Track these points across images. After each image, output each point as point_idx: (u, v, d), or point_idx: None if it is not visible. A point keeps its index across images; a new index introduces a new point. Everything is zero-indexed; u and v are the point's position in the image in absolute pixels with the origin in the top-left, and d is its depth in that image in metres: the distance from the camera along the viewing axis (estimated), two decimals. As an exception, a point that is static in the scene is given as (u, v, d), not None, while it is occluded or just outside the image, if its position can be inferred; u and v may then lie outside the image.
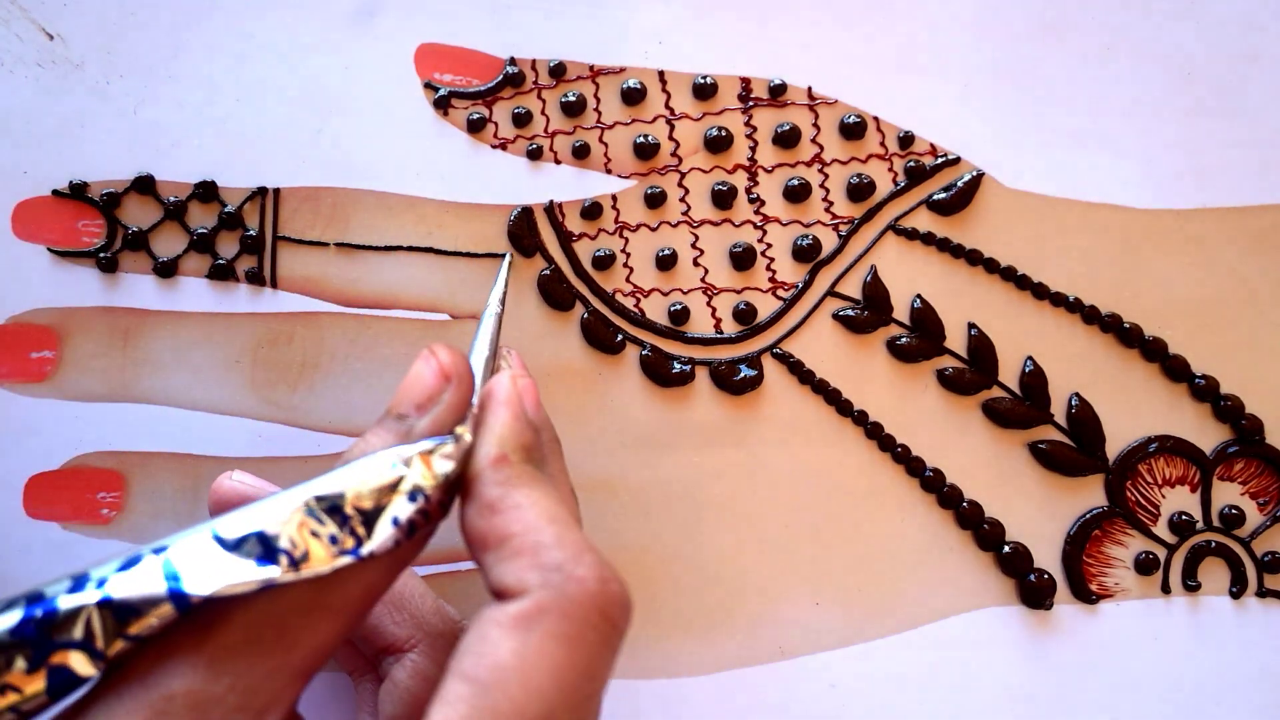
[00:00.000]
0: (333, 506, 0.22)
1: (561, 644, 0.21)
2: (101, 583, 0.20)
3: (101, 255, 0.33)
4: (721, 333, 0.35)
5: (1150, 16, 0.36)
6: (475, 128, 0.34)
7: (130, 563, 0.21)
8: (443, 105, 0.34)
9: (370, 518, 0.22)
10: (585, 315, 0.34)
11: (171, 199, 0.33)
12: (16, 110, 0.33)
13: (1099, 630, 0.34)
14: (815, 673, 0.33)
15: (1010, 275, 0.35)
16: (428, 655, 0.28)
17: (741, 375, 0.34)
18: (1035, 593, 0.34)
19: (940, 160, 0.35)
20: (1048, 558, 0.34)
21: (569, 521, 0.23)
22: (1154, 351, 0.35)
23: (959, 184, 0.35)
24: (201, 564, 0.21)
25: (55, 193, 0.33)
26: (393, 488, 0.22)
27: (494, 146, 0.34)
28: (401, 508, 0.22)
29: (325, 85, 0.34)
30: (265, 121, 0.34)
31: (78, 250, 0.33)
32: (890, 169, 0.35)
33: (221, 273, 0.33)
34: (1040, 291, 0.35)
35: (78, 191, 0.33)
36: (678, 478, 0.34)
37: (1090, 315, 0.35)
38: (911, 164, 0.35)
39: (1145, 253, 0.35)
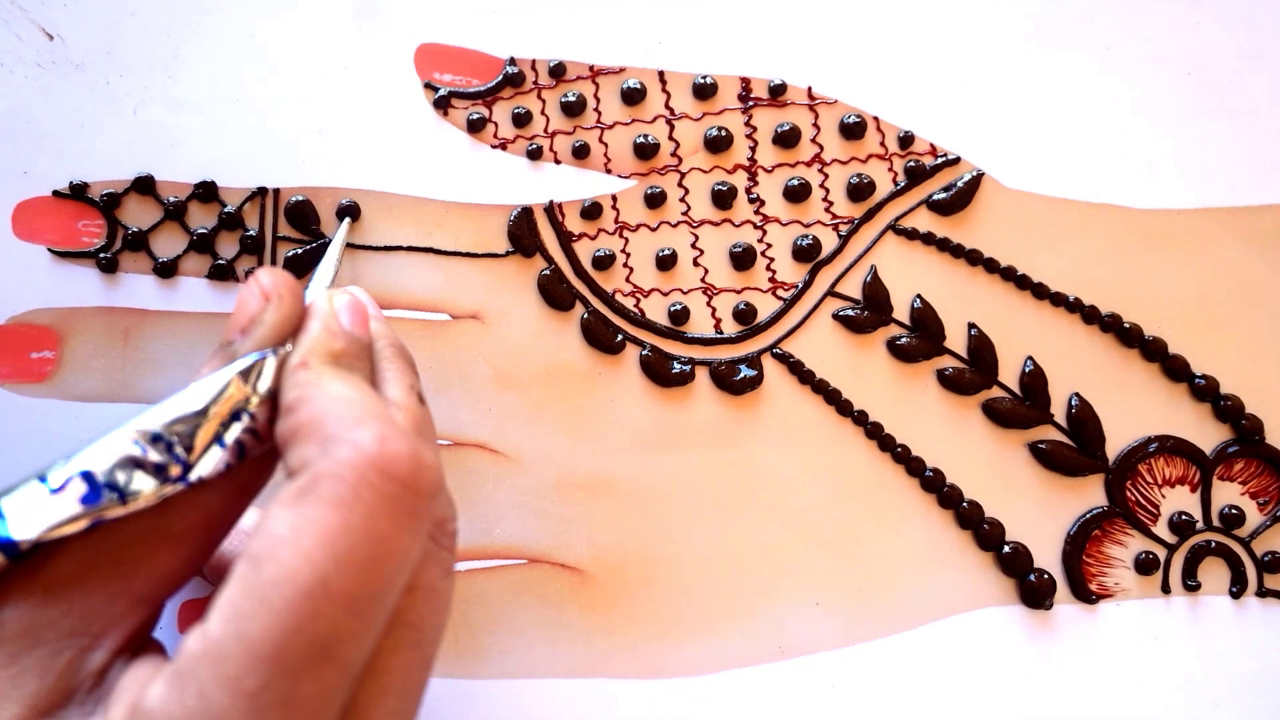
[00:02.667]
0: (155, 436, 0.22)
1: (334, 508, 0.20)
2: None
3: (101, 255, 0.33)
4: (721, 333, 0.35)
5: (1150, 16, 0.36)
6: (475, 128, 0.34)
7: None
8: (443, 105, 0.34)
9: (196, 443, 0.22)
10: (585, 315, 0.34)
11: (171, 199, 0.33)
12: (16, 110, 0.33)
13: (1099, 630, 0.34)
14: (815, 673, 0.33)
15: (1010, 275, 0.35)
16: None
17: (741, 375, 0.34)
18: (1035, 593, 0.34)
19: (940, 160, 0.35)
20: (1048, 558, 0.34)
21: (363, 401, 0.22)
22: (1154, 351, 0.35)
23: (959, 184, 0.35)
24: (28, 509, 0.21)
25: (55, 193, 0.33)
26: (216, 410, 0.22)
27: (494, 146, 0.34)
28: (228, 429, 0.22)
29: (325, 85, 0.34)
30: (265, 121, 0.34)
31: (78, 250, 0.33)
32: (890, 169, 0.35)
33: (221, 273, 0.33)
34: (1040, 291, 0.35)
35: (78, 192, 0.33)
36: (678, 478, 0.34)
37: (1090, 315, 0.35)
38: (911, 164, 0.35)
39: (1145, 253, 0.35)
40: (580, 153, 0.35)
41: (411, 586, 0.22)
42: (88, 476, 0.21)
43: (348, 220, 0.33)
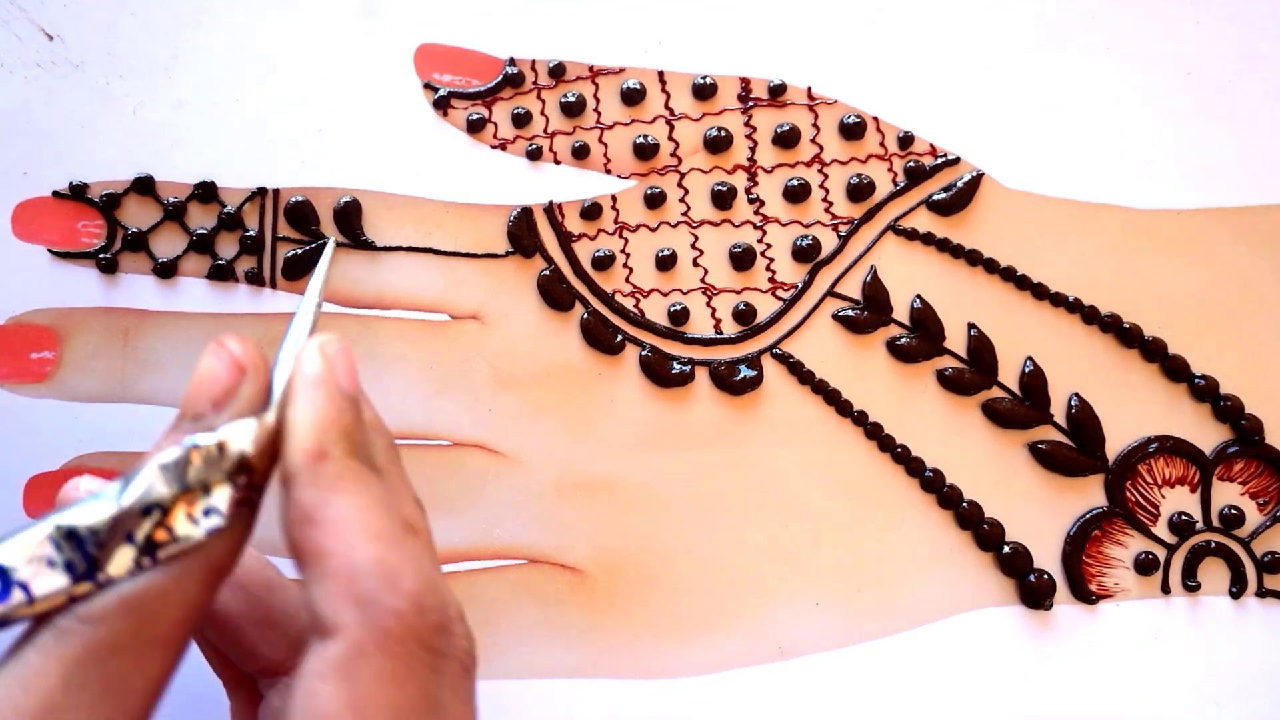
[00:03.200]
0: (70, 532, 0.20)
1: (389, 684, 0.20)
2: None
3: (101, 256, 0.33)
4: (721, 333, 0.35)
5: (1150, 16, 0.36)
6: (475, 128, 0.34)
7: None
8: (443, 105, 0.34)
9: (105, 540, 0.20)
10: (585, 316, 0.34)
11: (171, 199, 0.33)
12: (16, 110, 0.33)
13: (1099, 630, 0.34)
14: (815, 673, 0.34)
15: (1010, 275, 0.35)
16: None
17: (741, 375, 0.34)
18: (1035, 593, 0.34)
19: (940, 160, 0.35)
20: (1048, 558, 0.34)
21: (391, 535, 0.21)
22: (1154, 351, 0.35)
23: (959, 184, 0.35)
24: None
25: (55, 193, 0.33)
26: (132, 506, 0.21)
27: (494, 147, 0.34)
28: (139, 525, 0.21)
29: (325, 85, 0.34)
30: (265, 121, 0.34)
31: (78, 251, 0.33)
32: (890, 169, 0.35)
33: (221, 273, 0.33)
34: (1040, 291, 0.35)
35: (78, 192, 0.33)
36: (678, 478, 0.34)
37: (1090, 315, 0.35)
38: (911, 164, 0.35)
39: (1145, 253, 0.35)
40: (580, 153, 0.35)
41: None
42: (1, 570, 0.20)
43: (331, 242, 0.30)
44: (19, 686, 0.19)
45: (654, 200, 0.35)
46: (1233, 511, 0.35)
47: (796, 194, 0.35)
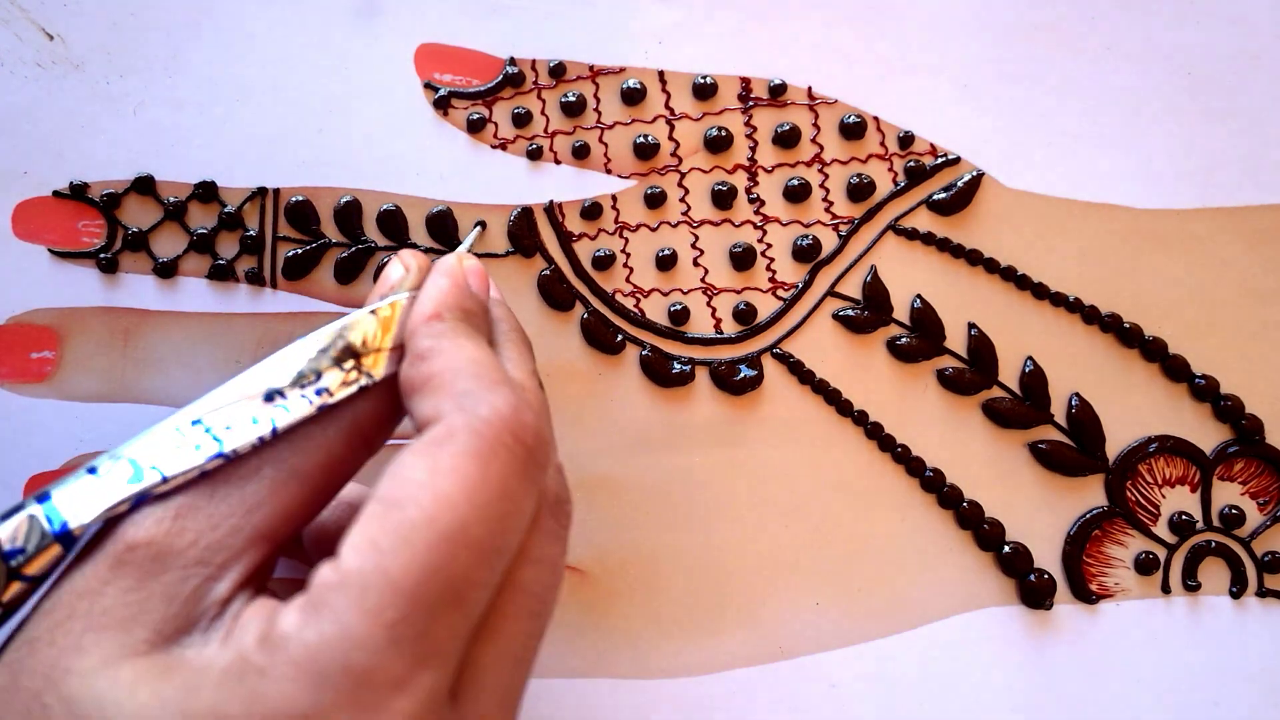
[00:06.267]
0: (194, 421, 0.23)
1: (473, 460, 0.21)
2: None
3: (101, 255, 0.33)
4: (721, 333, 0.35)
5: (1150, 16, 0.36)
6: (475, 128, 0.34)
7: (11, 512, 0.22)
8: (443, 105, 0.34)
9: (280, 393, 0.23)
10: (585, 315, 0.34)
11: (171, 199, 0.33)
12: (16, 110, 0.33)
13: (1099, 630, 0.34)
14: (815, 673, 0.34)
15: (1010, 275, 0.35)
16: None
17: (741, 375, 0.34)
18: (1035, 593, 0.34)
19: (940, 160, 0.35)
20: (1048, 558, 0.34)
21: (495, 366, 0.24)
22: (1154, 351, 0.35)
23: (959, 184, 0.35)
24: (78, 499, 0.22)
25: (55, 193, 0.33)
26: (317, 363, 0.24)
27: (494, 146, 0.34)
28: (309, 385, 0.24)
29: (325, 85, 0.34)
30: (265, 121, 0.34)
31: (78, 250, 0.33)
32: (890, 169, 0.35)
33: (221, 273, 0.33)
34: (1040, 291, 0.35)
35: (78, 192, 0.33)
36: (678, 478, 0.34)
37: (1090, 315, 0.35)
38: (911, 164, 0.35)
39: (1145, 253, 0.35)
40: (580, 153, 0.35)
41: (536, 559, 0.23)
42: (132, 461, 0.23)
43: (479, 229, 0.34)
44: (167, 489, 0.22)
45: (654, 200, 0.35)
46: (1233, 511, 0.35)
47: (797, 194, 0.35)
